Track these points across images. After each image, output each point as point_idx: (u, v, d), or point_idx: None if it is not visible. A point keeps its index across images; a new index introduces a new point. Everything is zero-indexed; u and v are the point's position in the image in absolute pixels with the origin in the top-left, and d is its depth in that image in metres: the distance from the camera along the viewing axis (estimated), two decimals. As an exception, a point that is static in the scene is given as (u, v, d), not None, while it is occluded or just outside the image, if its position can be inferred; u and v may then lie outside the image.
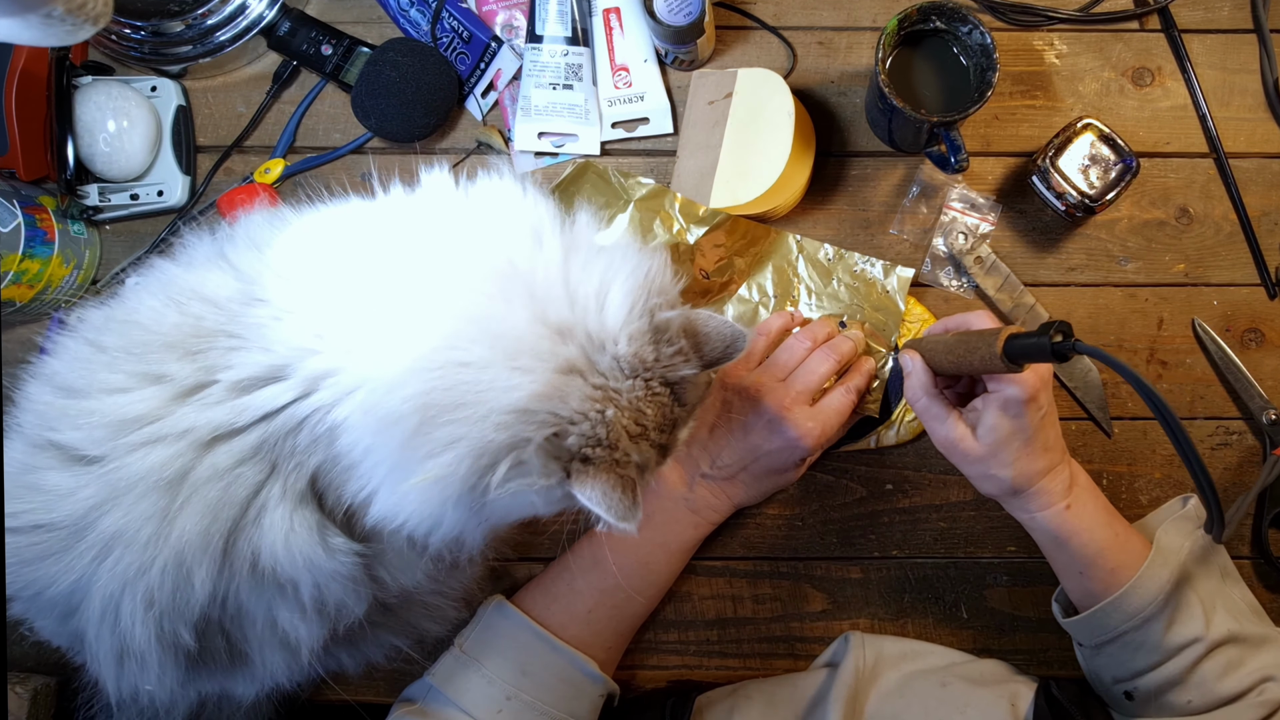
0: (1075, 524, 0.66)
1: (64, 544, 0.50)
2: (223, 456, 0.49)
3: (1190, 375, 0.80)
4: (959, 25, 0.72)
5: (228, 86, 0.82)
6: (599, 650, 0.71)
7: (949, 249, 0.80)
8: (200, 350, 0.50)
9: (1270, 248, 0.80)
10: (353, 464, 0.50)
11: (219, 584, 0.50)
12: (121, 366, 0.50)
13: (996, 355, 0.58)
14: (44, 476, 0.50)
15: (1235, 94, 0.81)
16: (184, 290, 0.52)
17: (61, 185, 0.76)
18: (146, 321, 0.51)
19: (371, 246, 0.52)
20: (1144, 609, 0.64)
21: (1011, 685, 0.71)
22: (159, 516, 0.49)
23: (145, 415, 0.49)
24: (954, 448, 0.65)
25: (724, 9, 0.82)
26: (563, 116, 0.80)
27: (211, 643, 0.54)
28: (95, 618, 0.51)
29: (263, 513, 0.50)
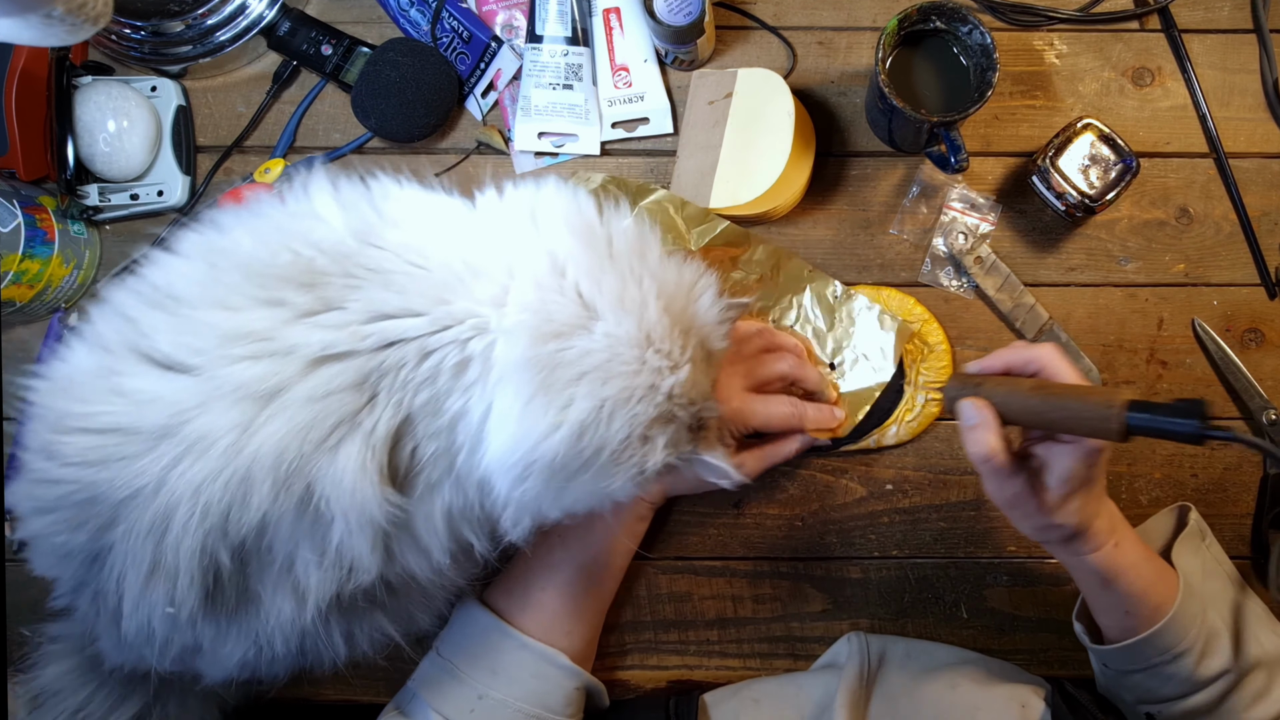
0: (1123, 562, 0.63)
1: (140, 449, 0.50)
2: (324, 378, 0.50)
3: (1190, 375, 0.80)
4: (959, 25, 0.72)
5: (228, 86, 0.82)
6: (561, 637, 0.71)
7: (949, 249, 0.80)
8: (318, 284, 0.51)
9: (1270, 248, 0.80)
10: (465, 408, 0.52)
11: (272, 507, 0.51)
12: (236, 288, 0.51)
13: (1113, 430, 0.51)
14: (127, 381, 0.51)
15: (1235, 94, 0.81)
16: (294, 235, 0.53)
17: (61, 185, 0.76)
18: (263, 255, 0.52)
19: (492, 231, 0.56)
20: (1177, 645, 0.62)
21: (1020, 688, 0.71)
22: (241, 428, 0.49)
23: (256, 332, 0.50)
24: (1024, 503, 0.59)
25: (724, 9, 0.82)
26: (563, 116, 0.80)
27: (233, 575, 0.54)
28: (142, 527, 0.51)
29: (343, 443, 0.51)
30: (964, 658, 0.75)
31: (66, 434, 0.51)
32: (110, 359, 0.52)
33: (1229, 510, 0.79)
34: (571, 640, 0.71)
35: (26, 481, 0.54)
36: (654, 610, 0.80)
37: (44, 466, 0.53)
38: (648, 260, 0.55)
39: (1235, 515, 0.79)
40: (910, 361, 0.78)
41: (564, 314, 0.52)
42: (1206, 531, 0.74)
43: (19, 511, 0.55)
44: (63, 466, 0.51)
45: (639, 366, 0.52)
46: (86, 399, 0.52)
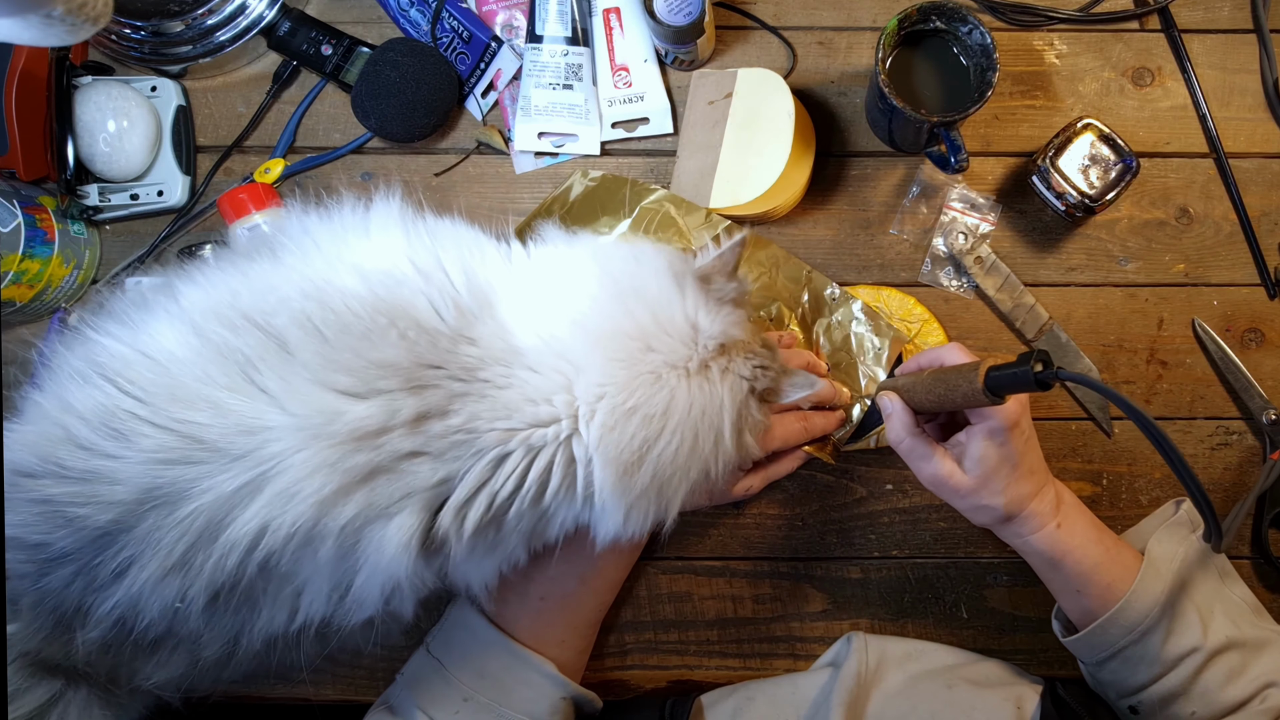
0: (1068, 542, 0.65)
1: (217, 465, 0.51)
2: (413, 468, 0.53)
3: (1190, 375, 0.80)
4: (959, 25, 0.72)
5: (228, 86, 0.82)
6: (553, 647, 0.71)
7: (949, 249, 0.80)
8: (424, 386, 0.53)
9: (1270, 248, 0.80)
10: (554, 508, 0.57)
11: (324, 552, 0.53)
12: (352, 369, 0.53)
13: (978, 390, 0.57)
14: (231, 400, 0.52)
15: (1235, 94, 0.81)
16: (397, 311, 0.55)
17: (61, 185, 0.76)
18: (374, 337, 0.54)
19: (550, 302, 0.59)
20: (1140, 622, 0.64)
21: (1016, 688, 0.71)
22: (332, 499, 0.51)
23: (367, 430, 0.52)
24: (944, 484, 0.64)
25: (724, 9, 0.82)
26: (563, 116, 0.80)
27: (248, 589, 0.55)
28: (185, 530, 0.51)
29: (400, 514, 0.53)
30: (962, 658, 0.75)
31: (151, 427, 0.51)
32: (215, 366, 0.53)
33: (1229, 510, 0.79)
34: (563, 651, 0.71)
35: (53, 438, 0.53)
36: (654, 610, 0.80)
37: (105, 445, 0.52)
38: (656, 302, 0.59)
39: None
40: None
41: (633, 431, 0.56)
42: (1199, 523, 0.74)
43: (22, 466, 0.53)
44: (135, 453, 0.51)
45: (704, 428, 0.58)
46: (179, 397, 0.52)
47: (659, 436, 0.56)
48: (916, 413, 0.66)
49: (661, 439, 0.57)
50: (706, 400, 0.58)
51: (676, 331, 0.59)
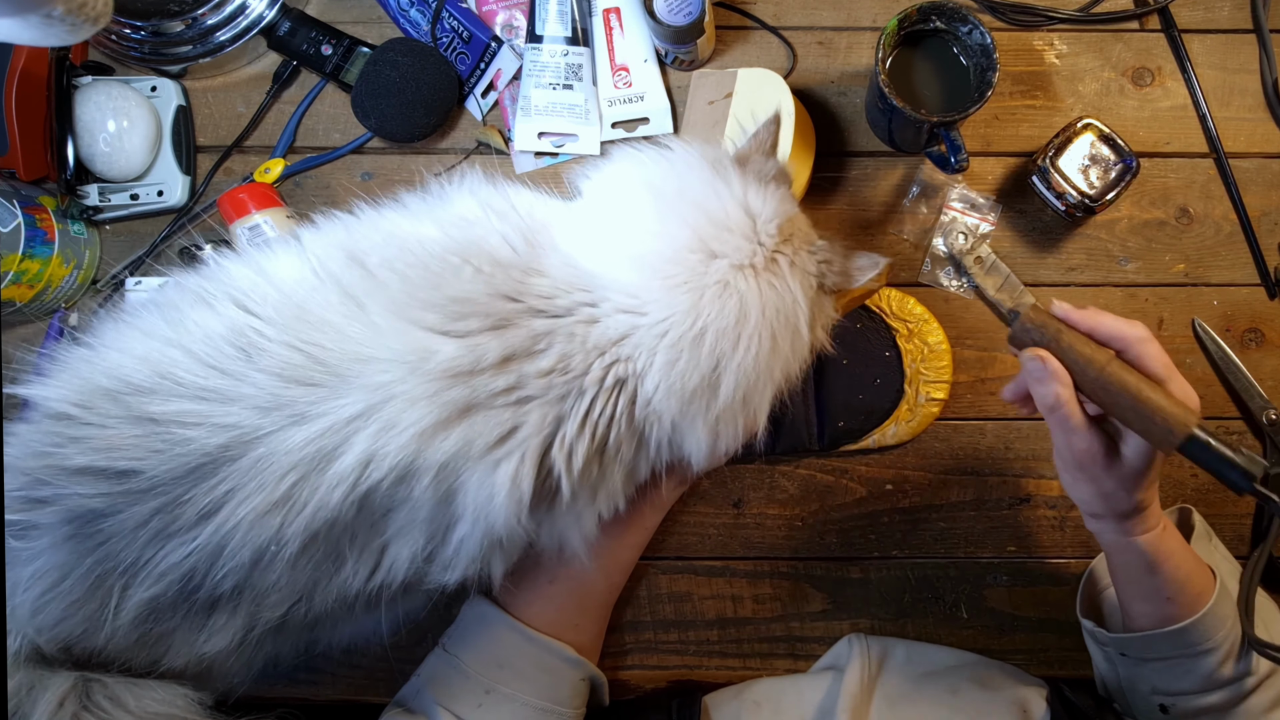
0: (1170, 546, 0.62)
1: (335, 390, 0.53)
2: (511, 398, 0.55)
3: (1190, 375, 0.80)
4: (959, 25, 0.72)
5: (228, 86, 0.82)
6: (569, 631, 0.71)
7: (949, 249, 0.80)
8: (505, 325, 0.55)
9: (1270, 248, 0.80)
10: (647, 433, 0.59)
11: (421, 494, 0.54)
12: (436, 305, 0.55)
13: (1171, 442, 0.52)
14: (346, 325, 0.54)
15: (1235, 94, 0.81)
16: (468, 246, 0.57)
17: (61, 185, 0.76)
18: (447, 275, 0.56)
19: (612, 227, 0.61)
20: (1207, 641, 0.62)
21: (1020, 691, 0.71)
22: (433, 431, 0.53)
23: (462, 370, 0.54)
24: (1096, 463, 0.57)
25: (724, 9, 0.82)
26: (563, 116, 0.80)
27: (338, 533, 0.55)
28: (291, 460, 0.51)
29: (502, 460, 0.54)
30: (964, 660, 0.75)
31: (276, 344, 0.53)
32: (335, 294, 0.55)
33: (1229, 510, 0.79)
34: (579, 634, 0.71)
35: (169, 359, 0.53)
36: (654, 610, 0.80)
37: (218, 357, 0.53)
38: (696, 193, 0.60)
39: (1235, 515, 0.79)
40: (910, 361, 0.78)
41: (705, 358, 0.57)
42: (1211, 533, 0.74)
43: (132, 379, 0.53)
44: (254, 370, 0.53)
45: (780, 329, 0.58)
46: (305, 319, 0.54)
47: (735, 348, 0.57)
48: None
49: (739, 350, 0.57)
50: (779, 299, 0.59)
51: (735, 224, 0.59)
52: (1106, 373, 0.54)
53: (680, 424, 0.58)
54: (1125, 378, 0.53)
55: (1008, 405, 0.80)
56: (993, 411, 0.80)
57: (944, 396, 0.78)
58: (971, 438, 0.80)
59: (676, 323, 0.56)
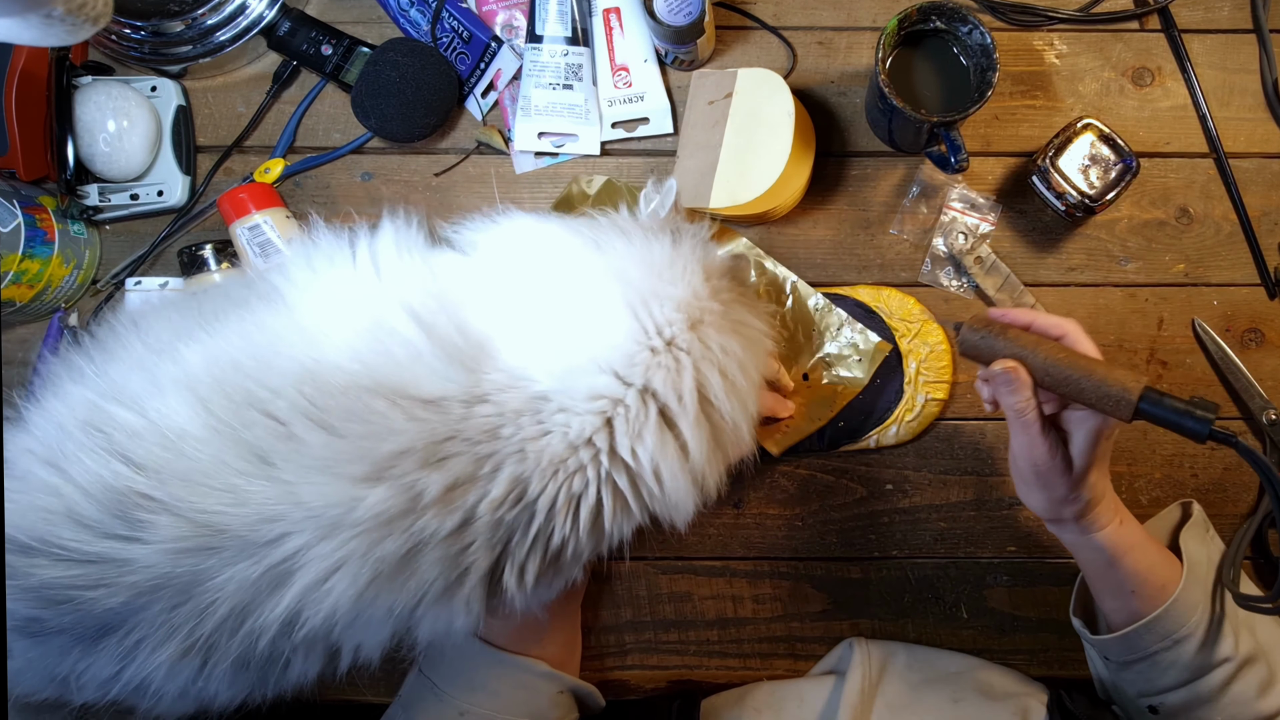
0: (1129, 539, 0.63)
1: (237, 553, 0.49)
2: (457, 545, 0.52)
3: (1190, 375, 0.80)
4: (959, 25, 0.72)
5: (228, 86, 0.82)
6: (534, 647, 0.70)
7: (949, 249, 0.80)
8: (445, 457, 0.51)
9: (1270, 248, 0.80)
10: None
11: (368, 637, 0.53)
12: (365, 458, 0.51)
13: (1127, 405, 0.54)
14: (249, 487, 0.50)
15: (1235, 94, 0.81)
16: (397, 390, 0.52)
17: (61, 185, 0.76)
18: (379, 427, 0.51)
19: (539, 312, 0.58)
20: (1179, 629, 0.62)
21: (1021, 699, 0.71)
22: (368, 585, 0.50)
23: (393, 512, 0.50)
24: (1050, 468, 0.60)
25: (724, 9, 0.82)
26: (563, 116, 0.80)
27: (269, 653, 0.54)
28: (197, 616, 0.49)
29: (456, 594, 0.53)
30: (966, 665, 0.75)
31: (168, 514, 0.49)
32: (229, 451, 0.50)
33: (1229, 510, 0.79)
34: (545, 648, 0.71)
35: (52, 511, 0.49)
36: (654, 610, 0.80)
37: (103, 520, 0.49)
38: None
39: (1235, 515, 0.79)
40: (910, 361, 0.78)
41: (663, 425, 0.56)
42: (1209, 525, 0.74)
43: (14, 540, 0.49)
44: (150, 542, 0.49)
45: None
46: (197, 484, 0.50)
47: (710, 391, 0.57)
48: None
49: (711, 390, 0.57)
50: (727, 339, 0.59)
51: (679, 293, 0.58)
52: (1057, 356, 0.57)
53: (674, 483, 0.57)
54: (1075, 357, 0.57)
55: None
56: (992, 411, 0.80)
57: (944, 396, 0.78)
58: (972, 438, 0.80)
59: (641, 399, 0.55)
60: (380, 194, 0.82)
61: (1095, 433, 0.58)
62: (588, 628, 0.79)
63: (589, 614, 0.78)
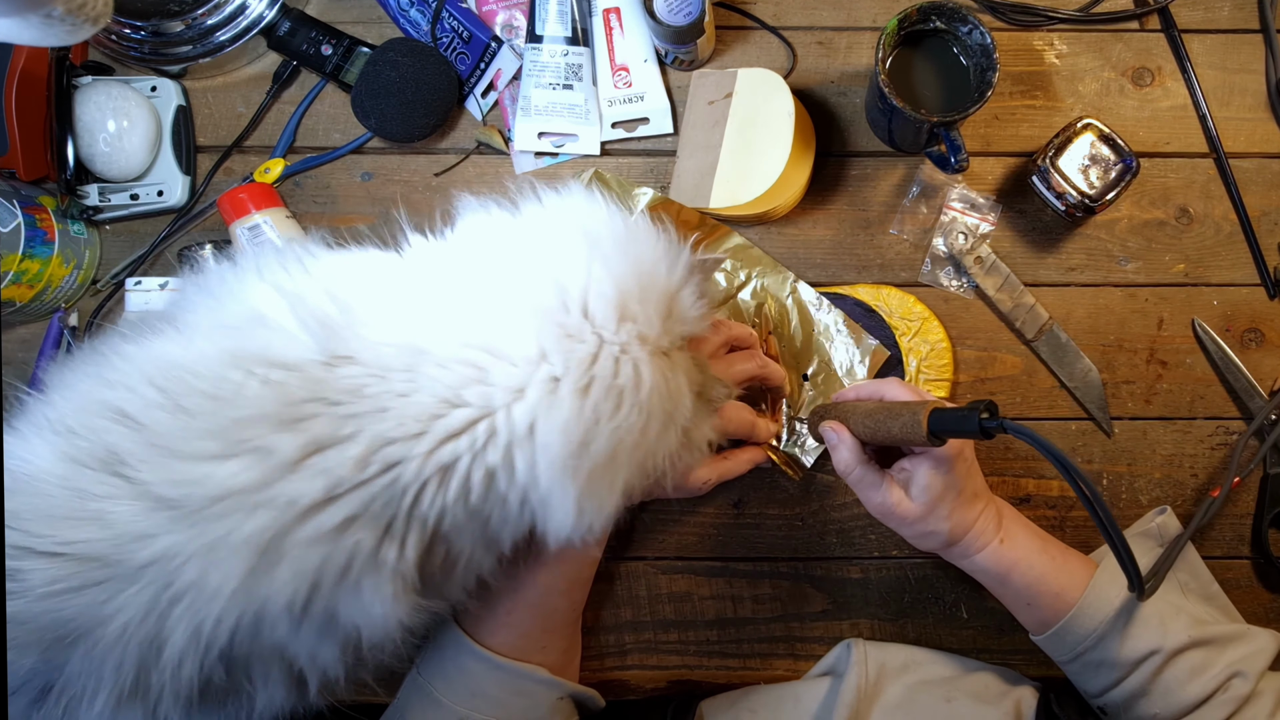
0: (1011, 555, 0.66)
1: (122, 580, 0.47)
2: (330, 517, 0.48)
3: (1190, 375, 0.80)
4: (959, 25, 0.72)
5: (228, 86, 0.82)
6: (536, 654, 0.70)
7: (949, 249, 0.80)
8: (300, 418, 0.48)
9: (1270, 248, 0.80)
10: (506, 508, 0.53)
11: (287, 638, 0.50)
12: (217, 433, 0.48)
13: (921, 432, 0.58)
14: (111, 509, 0.47)
15: (1235, 94, 0.81)
16: (253, 358, 0.50)
17: (61, 185, 0.76)
18: (228, 395, 0.49)
19: (446, 286, 0.54)
20: (1094, 629, 0.64)
21: (1014, 694, 0.71)
22: (243, 576, 0.47)
23: (249, 485, 0.47)
24: (891, 513, 0.64)
25: (724, 9, 0.82)
26: (563, 116, 0.80)
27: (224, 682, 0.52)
28: (117, 656, 0.47)
29: (364, 577, 0.50)
30: (961, 668, 0.75)
31: (36, 557, 0.46)
32: (85, 476, 0.48)
33: (1229, 510, 0.79)
34: (547, 654, 0.71)
35: None
36: (654, 610, 0.80)
37: None
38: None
39: (1235, 515, 0.79)
40: (911, 360, 0.78)
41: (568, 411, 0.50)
42: (1167, 536, 0.75)
43: None
44: (27, 591, 0.46)
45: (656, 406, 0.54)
46: (62, 518, 0.47)
47: (618, 409, 0.52)
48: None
49: (618, 416, 0.52)
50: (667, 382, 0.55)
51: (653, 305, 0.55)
52: (869, 408, 0.64)
53: (548, 488, 0.52)
54: (884, 405, 0.63)
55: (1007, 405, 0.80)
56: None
57: (945, 395, 0.78)
58: (971, 438, 0.80)
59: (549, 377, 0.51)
60: (380, 194, 0.82)
61: (930, 472, 0.63)
62: (588, 628, 0.79)
63: (589, 614, 0.78)
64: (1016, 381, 0.80)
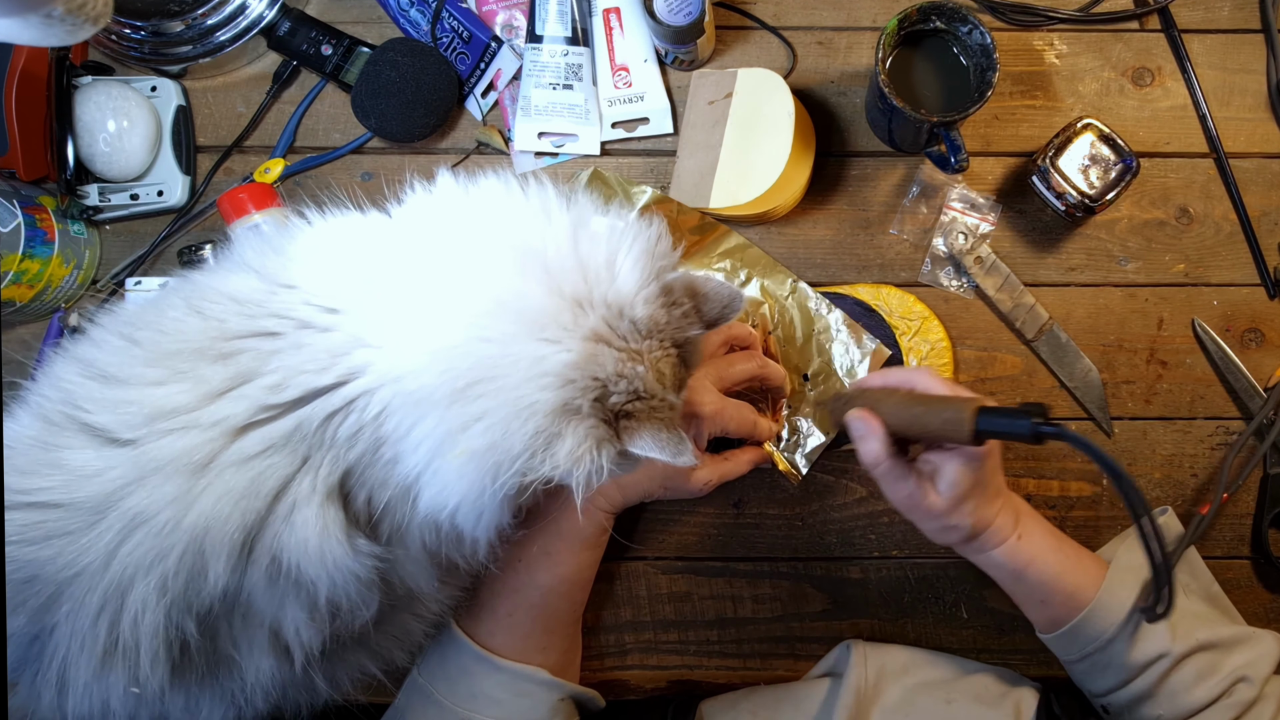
0: (1029, 552, 0.65)
1: (81, 524, 0.49)
2: (252, 442, 0.50)
3: (1190, 375, 0.80)
4: (959, 25, 0.72)
5: (228, 86, 0.82)
6: (537, 655, 0.70)
7: (949, 249, 0.80)
8: (230, 354, 0.51)
9: (1270, 248, 0.80)
10: (396, 454, 0.51)
11: (233, 579, 0.50)
12: (154, 361, 0.51)
13: (966, 433, 0.56)
14: (69, 455, 0.50)
15: (1235, 94, 0.81)
16: (206, 292, 0.53)
17: (61, 185, 0.76)
18: (170, 329, 0.52)
19: (391, 243, 0.55)
20: (1105, 631, 0.64)
21: (1014, 695, 0.71)
22: (180, 500, 0.49)
23: (181, 406, 0.50)
24: (916, 506, 0.63)
25: (724, 9, 0.82)
26: (563, 116, 0.80)
27: (202, 643, 0.52)
28: (92, 607, 0.49)
29: (294, 509, 0.50)
30: (960, 670, 0.75)
31: (23, 509, 0.49)
32: (51, 430, 0.51)
33: (1229, 510, 0.79)
34: (548, 655, 0.71)
35: None
36: (654, 610, 0.80)
37: None
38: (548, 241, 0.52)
39: (1235, 515, 0.79)
40: (912, 360, 0.78)
41: (438, 346, 0.49)
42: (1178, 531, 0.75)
43: None
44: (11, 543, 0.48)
45: (524, 367, 0.49)
46: (26, 470, 0.50)
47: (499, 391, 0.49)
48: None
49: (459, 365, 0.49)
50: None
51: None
52: (904, 399, 0.61)
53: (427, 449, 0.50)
54: (920, 398, 0.61)
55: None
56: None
57: (944, 396, 0.78)
58: (971, 438, 0.80)
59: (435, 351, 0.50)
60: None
61: (959, 468, 0.61)
62: (588, 628, 0.79)
63: (589, 614, 0.78)
64: (1016, 381, 0.80)
